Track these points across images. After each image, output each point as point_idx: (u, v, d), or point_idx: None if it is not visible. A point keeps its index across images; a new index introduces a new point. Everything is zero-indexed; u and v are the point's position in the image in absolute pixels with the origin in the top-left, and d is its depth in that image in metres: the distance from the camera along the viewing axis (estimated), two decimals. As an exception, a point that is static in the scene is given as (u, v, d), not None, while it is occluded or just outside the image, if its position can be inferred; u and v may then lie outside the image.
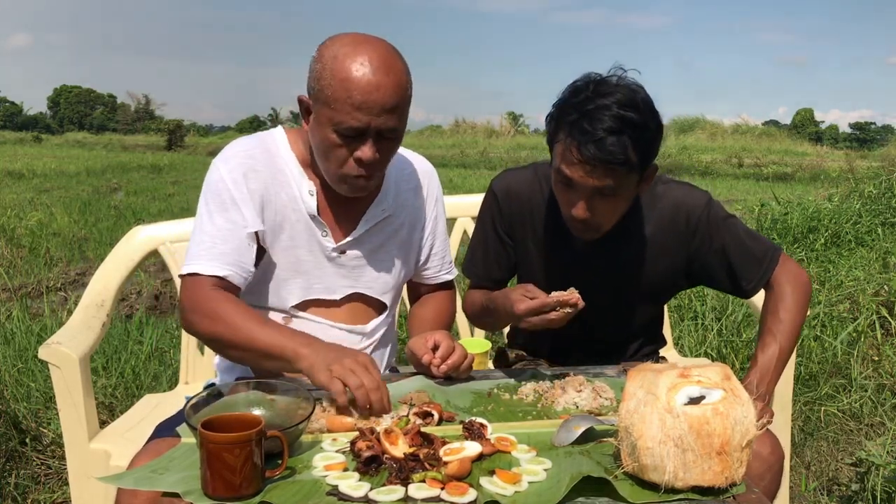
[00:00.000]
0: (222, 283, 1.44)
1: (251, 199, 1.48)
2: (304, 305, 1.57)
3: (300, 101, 1.47)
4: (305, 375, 1.34)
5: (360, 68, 1.35)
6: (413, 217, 1.66)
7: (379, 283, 1.62)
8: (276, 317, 1.56)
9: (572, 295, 1.41)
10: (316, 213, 1.52)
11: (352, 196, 1.51)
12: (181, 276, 1.47)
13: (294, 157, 1.53)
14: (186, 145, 30.49)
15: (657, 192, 1.64)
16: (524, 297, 1.44)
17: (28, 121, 67.17)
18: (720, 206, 1.66)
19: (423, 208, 1.69)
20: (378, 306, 1.65)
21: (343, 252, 1.57)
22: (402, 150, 1.68)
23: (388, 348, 1.73)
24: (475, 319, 1.80)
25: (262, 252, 1.53)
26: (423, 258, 1.72)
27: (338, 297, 1.59)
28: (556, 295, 1.41)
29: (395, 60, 1.40)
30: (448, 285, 1.79)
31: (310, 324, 1.57)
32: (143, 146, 31.14)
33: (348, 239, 1.56)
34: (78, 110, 74.64)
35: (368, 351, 1.62)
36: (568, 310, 1.41)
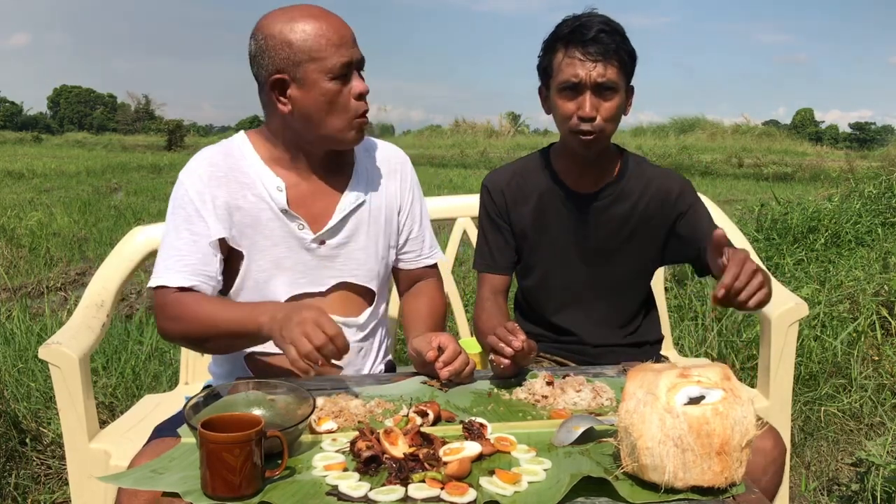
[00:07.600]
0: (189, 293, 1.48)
1: (214, 207, 1.51)
2: (292, 301, 1.57)
3: (271, 84, 1.49)
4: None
5: (315, 19, 1.46)
6: (389, 201, 1.68)
7: (363, 270, 1.63)
8: None
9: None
10: (287, 207, 1.53)
11: (359, 144, 1.57)
12: (151, 290, 1.52)
13: (258, 158, 1.56)
14: (186, 145, 30.41)
15: (644, 167, 1.81)
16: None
17: (28, 121, 67.19)
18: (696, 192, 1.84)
19: (397, 193, 1.70)
20: (367, 295, 1.66)
21: (322, 242, 1.58)
22: (373, 140, 1.74)
23: (383, 342, 1.74)
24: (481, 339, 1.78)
25: (239, 256, 1.54)
26: (401, 241, 1.73)
27: (324, 288, 1.60)
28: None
29: (322, 7, 1.51)
30: (432, 271, 1.80)
31: None
32: (143, 146, 31.13)
33: (326, 228, 1.57)
34: (78, 110, 74.68)
35: (363, 343, 1.65)
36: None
